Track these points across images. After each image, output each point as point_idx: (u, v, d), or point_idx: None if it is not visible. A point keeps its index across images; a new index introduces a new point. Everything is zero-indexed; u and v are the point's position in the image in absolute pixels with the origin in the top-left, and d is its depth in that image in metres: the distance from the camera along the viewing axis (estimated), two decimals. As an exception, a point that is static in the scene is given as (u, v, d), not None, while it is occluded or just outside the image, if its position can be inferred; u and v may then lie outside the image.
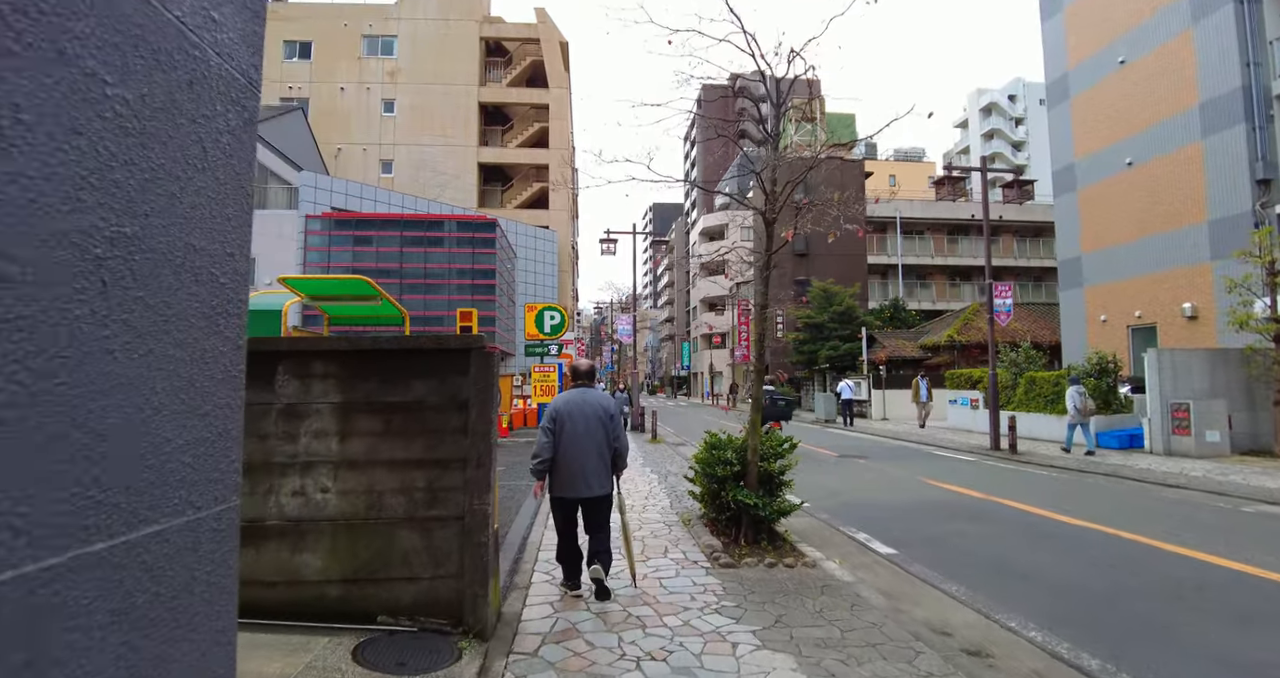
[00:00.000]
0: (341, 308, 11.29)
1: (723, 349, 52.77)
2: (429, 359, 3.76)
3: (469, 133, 31.00)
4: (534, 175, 31.71)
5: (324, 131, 30.22)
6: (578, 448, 4.27)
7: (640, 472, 10.50)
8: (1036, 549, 6.02)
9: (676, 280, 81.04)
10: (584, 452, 4.27)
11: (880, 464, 12.00)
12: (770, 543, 5.88)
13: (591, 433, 4.30)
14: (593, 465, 4.30)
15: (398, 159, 30.78)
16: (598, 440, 4.31)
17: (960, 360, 26.67)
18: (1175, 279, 17.30)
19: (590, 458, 4.29)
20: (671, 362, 75.05)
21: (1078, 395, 12.81)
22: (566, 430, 4.28)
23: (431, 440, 3.67)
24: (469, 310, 11.05)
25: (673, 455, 12.93)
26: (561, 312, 15.69)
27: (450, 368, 3.74)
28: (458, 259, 21.89)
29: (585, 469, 4.27)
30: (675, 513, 7.30)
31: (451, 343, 3.86)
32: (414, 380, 3.71)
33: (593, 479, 4.30)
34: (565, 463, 4.27)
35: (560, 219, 30.99)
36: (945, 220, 41.85)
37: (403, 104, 31.10)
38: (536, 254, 28.50)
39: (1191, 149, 16.81)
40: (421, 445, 3.67)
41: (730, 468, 5.98)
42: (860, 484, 9.72)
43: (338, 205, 22.84)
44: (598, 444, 4.31)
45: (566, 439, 4.27)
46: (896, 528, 6.86)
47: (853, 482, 9.79)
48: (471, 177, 30.62)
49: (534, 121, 31.49)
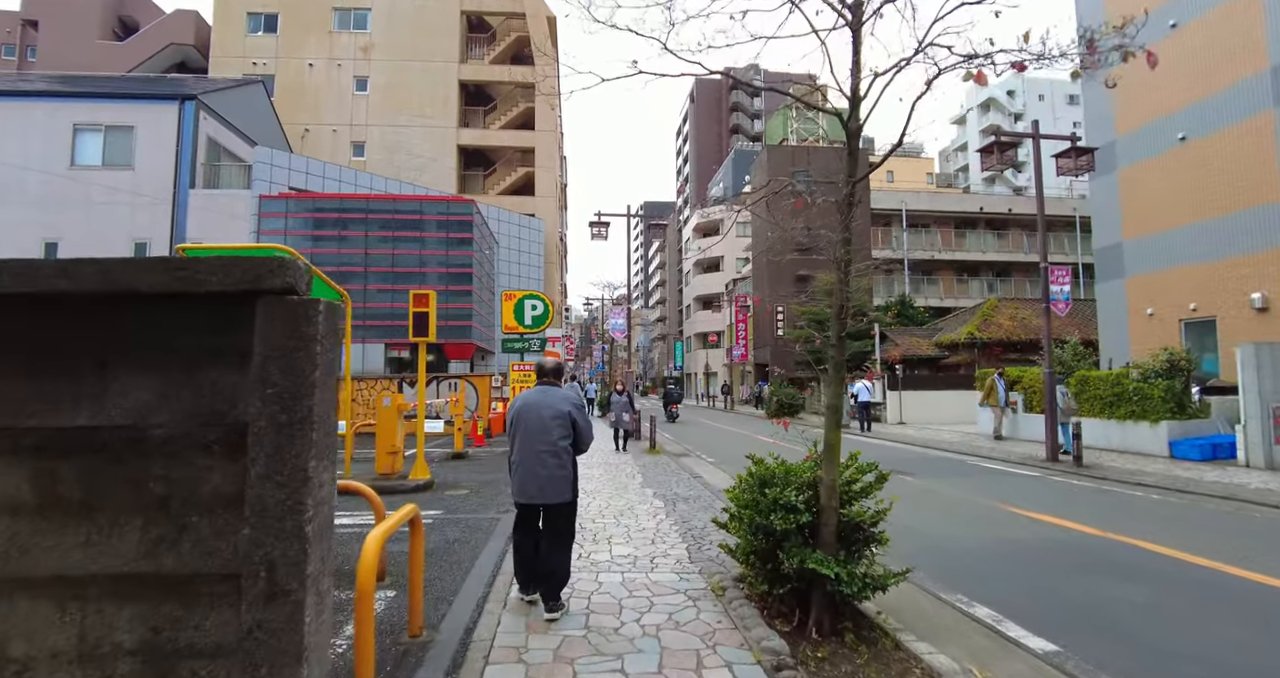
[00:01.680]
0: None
1: (718, 349, 50.65)
2: (146, 317, 1.52)
3: (448, 113, 28.68)
4: (519, 160, 29.44)
5: (290, 111, 27.83)
6: (530, 450, 4.03)
7: (640, 495, 8.31)
8: (1260, 633, 3.89)
9: (668, 279, 79.01)
10: (534, 454, 4.01)
11: (933, 483, 9.87)
12: (858, 635, 3.72)
13: (546, 433, 4.01)
14: (545, 469, 3.99)
15: (371, 141, 28.42)
16: (551, 442, 4.01)
17: (981, 359, 24.66)
18: (1240, 267, 15.32)
19: (542, 461, 3.99)
20: (664, 362, 72.90)
21: (1062, 396, 12.80)
22: (523, 431, 4.06)
23: (152, 528, 1.44)
24: (424, 292, 8.83)
25: (678, 472, 10.73)
26: (545, 301, 13.47)
27: (202, 343, 1.50)
28: (430, 245, 19.61)
29: (537, 473, 4.00)
30: (697, 569, 5.10)
31: (204, 274, 1.51)
32: (111, 376, 1.48)
33: (546, 484, 4.00)
34: (520, 464, 4.06)
35: (547, 207, 28.73)
36: (952, 213, 40.00)
37: (377, 82, 28.74)
38: (521, 244, 26.25)
39: (1261, 118, 14.83)
40: (125, 542, 1.44)
41: (795, 518, 3.80)
42: (929, 515, 7.57)
43: (298, 185, 20.50)
44: (550, 446, 4.01)
45: (521, 441, 4.07)
46: (1021, 592, 4.71)
47: (919, 511, 7.64)
48: (450, 160, 28.31)
49: (519, 101, 29.23)
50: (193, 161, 19.41)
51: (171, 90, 19.96)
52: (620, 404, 14.22)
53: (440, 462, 11.90)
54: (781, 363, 34.73)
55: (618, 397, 14.68)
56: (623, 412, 14.07)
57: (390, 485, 8.33)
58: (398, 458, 8.91)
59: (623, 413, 14.05)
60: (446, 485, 9.07)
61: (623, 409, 14.11)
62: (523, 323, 13.33)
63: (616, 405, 14.32)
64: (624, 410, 14.11)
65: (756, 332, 39.26)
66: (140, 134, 19.14)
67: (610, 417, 14.56)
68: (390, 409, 8.82)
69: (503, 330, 13.35)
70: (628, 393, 15.19)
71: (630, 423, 14.57)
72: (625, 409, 14.17)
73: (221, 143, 20.72)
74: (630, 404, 14.59)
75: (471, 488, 8.94)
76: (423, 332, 8.75)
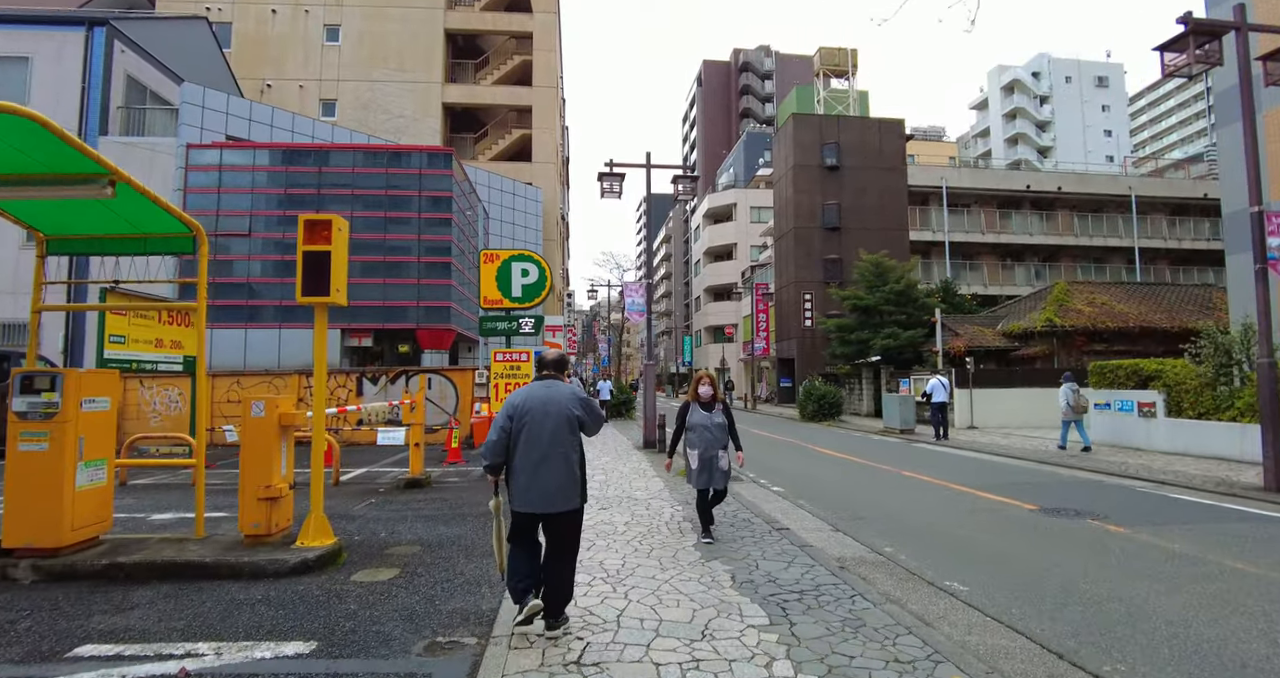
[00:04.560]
0: (52, 210, 5.25)
1: (733, 343, 46.82)
2: None
3: (432, 67, 24.81)
4: (514, 121, 25.58)
5: (249, 64, 24.00)
6: (537, 455, 3.51)
7: (706, 583, 4.52)
8: None
9: (674, 272, 75.17)
10: (546, 458, 3.52)
11: (1172, 541, 6.06)
12: None
13: (557, 435, 3.55)
14: (555, 476, 3.52)
15: (343, 98, 24.57)
16: (562, 445, 3.55)
17: (1061, 351, 20.84)
18: None
19: (550, 466, 3.52)
20: (670, 357, 69.14)
21: (1070, 392, 12.41)
22: (526, 431, 3.55)
23: None
24: (323, 217, 5.04)
25: (749, 522, 6.86)
26: (540, 264, 9.66)
27: None
28: (399, 205, 15.80)
29: (543, 480, 3.50)
30: None
31: None
32: None
33: (555, 492, 3.51)
34: (523, 469, 3.53)
35: (546, 174, 24.85)
36: (995, 192, 36.14)
37: (349, 31, 24.87)
38: (515, 216, 22.42)
39: None
40: None
41: None
42: (1244, 634, 3.76)
43: (237, 134, 16.66)
44: (564, 450, 3.55)
45: (525, 441, 3.54)
46: None
47: (1213, 621, 3.86)
48: (435, 121, 24.45)
49: (514, 54, 25.35)
50: (104, 103, 15.57)
51: (77, 14, 16.10)
52: (709, 427, 5.80)
53: (383, 496, 8.11)
54: (809, 357, 30.91)
55: (703, 414, 5.88)
56: (715, 448, 5.78)
57: (256, 562, 4.57)
58: (281, 505, 5.14)
59: (716, 450, 5.77)
60: (366, 555, 5.28)
61: (714, 441, 5.77)
62: (509, 294, 9.53)
63: (704, 430, 5.80)
64: (716, 443, 5.78)
65: (779, 322, 35.45)
66: (37, 67, 15.34)
67: (692, 454, 5.86)
68: (265, 423, 5.01)
69: (481, 304, 9.53)
70: (723, 402, 6.10)
71: (723, 469, 5.83)
72: (717, 440, 5.79)
73: (146, 83, 16.88)
74: (728, 427, 5.91)
75: (410, 560, 5.14)
76: (318, 286, 4.96)
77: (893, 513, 7.33)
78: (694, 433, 5.80)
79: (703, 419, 5.80)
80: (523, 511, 3.55)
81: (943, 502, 7.97)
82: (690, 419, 5.88)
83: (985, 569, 5.15)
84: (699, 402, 5.91)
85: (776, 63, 75.49)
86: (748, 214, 50.16)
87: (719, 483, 5.77)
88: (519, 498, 3.55)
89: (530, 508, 3.52)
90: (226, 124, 16.45)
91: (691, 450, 5.79)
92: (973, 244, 35.55)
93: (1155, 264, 36.48)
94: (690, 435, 5.84)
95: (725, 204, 51.41)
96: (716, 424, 5.76)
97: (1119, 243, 36.34)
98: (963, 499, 8.12)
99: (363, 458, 11.71)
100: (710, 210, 52.63)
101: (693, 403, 5.95)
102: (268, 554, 4.75)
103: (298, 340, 15.83)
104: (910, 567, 5.23)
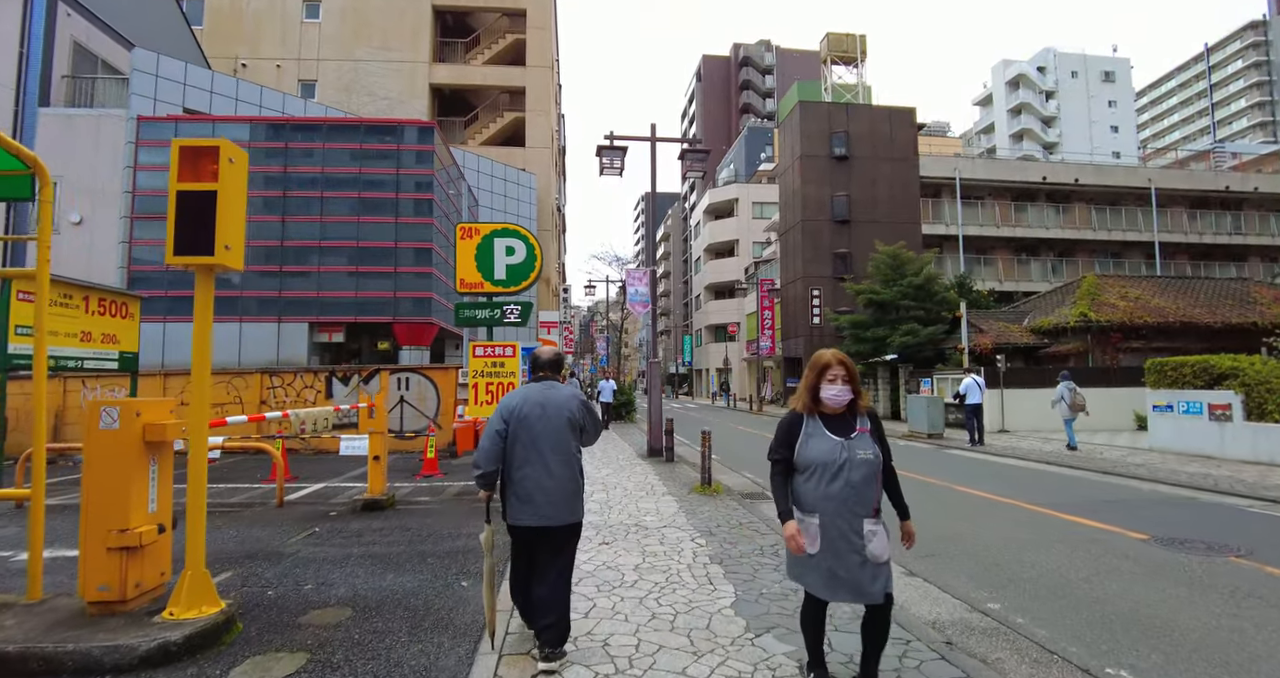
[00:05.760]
0: None
1: (735, 342, 45.30)
2: None
3: (418, 46, 23.24)
4: (506, 103, 24.03)
5: (221, 42, 22.41)
6: (539, 459, 3.21)
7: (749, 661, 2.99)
8: None
9: (673, 270, 73.62)
10: (547, 465, 3.22)
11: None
12: None
13: (560, 440, 3.25)
14: (559, 483, 3.22)
15: (323, 79, 22.99)
16: (566, 451, 3.27)
17: (1095, 348, 19.37)
18: None
19: (552, 474, 3.21)
20: (670, 357, 67.61)
21: (1068, 391, 12.31)
22: (525, 435, 3.23)
23: None
24: (206, 145, 3.48)
25: (777, 551, 5.38)
26: (529, 241, 8.12)
27: None
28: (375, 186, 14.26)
29: (547, 488, 3.20)
30: None
31: None
32: None
33: (559, 503, 3.21)
34: (521, 479, 3.21)
35: (540, 159, 23.29)
36: (1010, 184, 34.67)
37: (331, 6, 23.30)
38: (508, 203, 20.86)
39: None
40: None
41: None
42: None
43: (195, 107, 15.09)
44: (566, 456, 3.27)
45: (524, 447, 3.23)
46: None
47: None
48: (421, 102, 22.87)
49: (506, 32, 23.80)
50: (45, 73, 13.98)
51: (16, -28, 14.52)
52: (847, 467, 2.69)
53: (332, 521, 6.56)
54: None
55: (831, 441, 2.74)
56: (859, 511, 2.69)
57: (86, 651, 3.03)
58: (147, 555, 3.57)
59: (861, 518, 2.69)
60: (270, 625, 3.73)
61: (855, 498, 2.68)
62: (491, 277, 8.00)
63: (834, 476, 2.69)
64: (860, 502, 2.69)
65: (785, 320, 33.93)
66: (-30, 31, 13.73)
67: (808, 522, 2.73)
68: (121, 438, 3.37)
69: (458, 288, 7.99)
70: (869, 412, 2.90)
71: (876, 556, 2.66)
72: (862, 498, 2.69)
73: (96, 52, 15.30)
74: (883, 464, 2.82)
75: (330, 637, 3.58)
76: (197, 240, 3.42)
77: (970, 546, 5.81)
78: (812, 480, 2.71)
79: (831, 452, 2.70)
80: (521, 524, 3.25)
81: (1024, 528, 6.45)
82: (806, 452, 2.74)
83: (1148, 642, 3.64)
84: (821, 413, 2.80)
85: (777, 57, 74.19)
86: (749, 210, 48.73)
87: (869, 588, 2.63)
88: (517, 511, 3.24)
89: (530, 522, 3.22)
90: (184, 96, 14.86)
91: (808, 517, 2.71)
92: (986, 238, 34.11)
93: (1175, 259, 35.11)
94: (805, 485, 2.74)
95: (727, 199, 49.96)
96: (862, 461, 2.69)
97: (1138, 237, 34.94)
98: (1048, 525, 6.60)
99: (326, 470, 10.20)
100: (711, 206, 51.17)
101: (808, 417, 2.80)
102: (110, 635, 3.19)
103: (262, 335, 14.26)
104: (1039, 639, 3.71)
